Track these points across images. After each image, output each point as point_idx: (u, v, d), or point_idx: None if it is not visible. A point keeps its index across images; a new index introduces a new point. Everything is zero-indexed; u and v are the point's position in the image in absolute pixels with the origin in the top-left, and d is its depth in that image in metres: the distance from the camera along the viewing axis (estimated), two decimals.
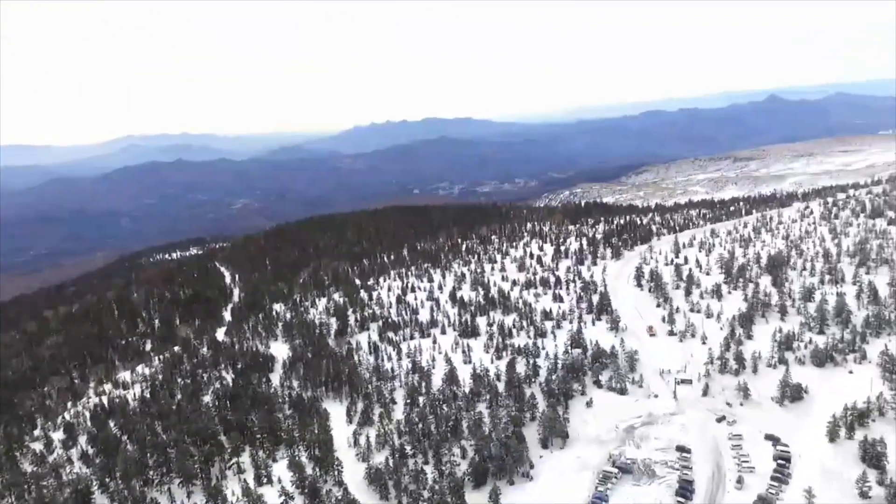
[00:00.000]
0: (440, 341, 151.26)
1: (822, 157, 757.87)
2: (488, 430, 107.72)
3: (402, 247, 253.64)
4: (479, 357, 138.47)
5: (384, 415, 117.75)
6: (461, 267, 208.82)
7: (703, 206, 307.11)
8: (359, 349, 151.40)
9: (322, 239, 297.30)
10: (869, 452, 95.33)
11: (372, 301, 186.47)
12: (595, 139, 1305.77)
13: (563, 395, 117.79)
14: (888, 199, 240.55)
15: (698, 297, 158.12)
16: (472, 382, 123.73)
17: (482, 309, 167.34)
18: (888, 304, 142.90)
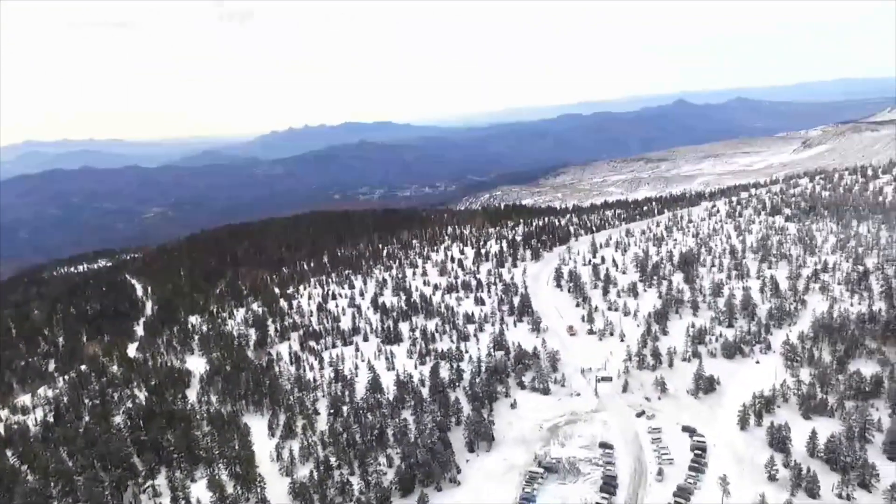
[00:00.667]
0: (363, 349, 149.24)
1: (726, 159, 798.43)
2: (414, 436, 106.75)
3: (322, 253, 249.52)
4: (402, 363, 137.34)
5: (307, 426, 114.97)
6: (383, 272, 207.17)
7: (619, 207, 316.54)
8: (279, 360, 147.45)
9: (240, 247, 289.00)
10: (775, 437, 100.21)
11: (292, 310, 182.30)
12: (513, 142, 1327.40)
13: (488, 398, 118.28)
14: (785, 198, 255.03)
15: (616, 296, 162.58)
16: (397, 389, 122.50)
17: (404, 314, 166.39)
18: (788, 296, 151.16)
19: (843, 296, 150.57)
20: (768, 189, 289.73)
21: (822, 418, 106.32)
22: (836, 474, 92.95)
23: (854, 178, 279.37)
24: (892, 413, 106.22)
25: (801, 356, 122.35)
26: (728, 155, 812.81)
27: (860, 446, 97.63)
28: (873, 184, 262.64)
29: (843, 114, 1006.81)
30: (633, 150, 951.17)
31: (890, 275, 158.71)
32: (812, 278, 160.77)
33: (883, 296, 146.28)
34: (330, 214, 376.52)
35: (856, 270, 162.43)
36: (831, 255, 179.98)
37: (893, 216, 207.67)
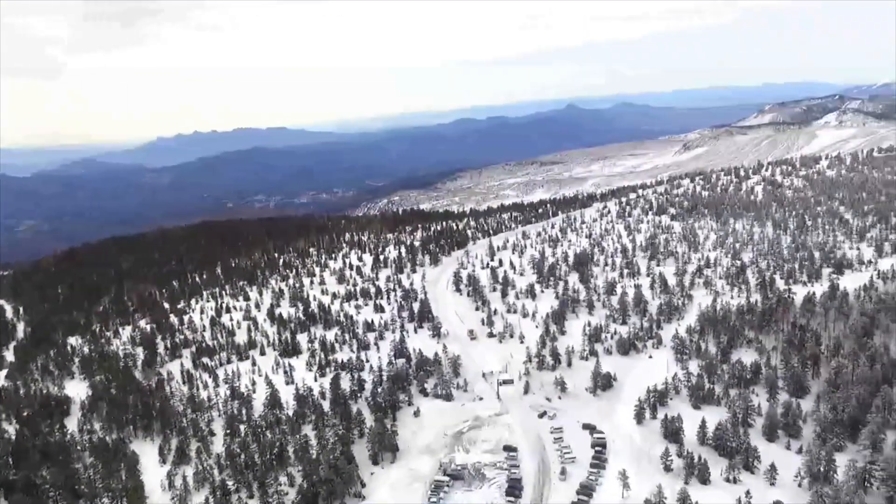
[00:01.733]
0: (260, 363, 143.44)
1: (614, 161, 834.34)
2: (315, 452, 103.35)
3: (215, 265, 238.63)
4: (301, 376, 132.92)
5: (202, 449, 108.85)
6: (279, 283, 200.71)
7: (515, 210, 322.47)
8: (170, 379, 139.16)
9: (125, 261, 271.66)
10: (669, 429, 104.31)
11: (184, 325, 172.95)
12: (410, 147, 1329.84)
13: (391, 408, 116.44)
14: (669, 198, 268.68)
15: (514, 298, 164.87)
16: (296, 404, 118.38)
17: (303, 325, 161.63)
18: (676, 292, 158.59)
19: (724, 289, 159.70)
20: (654, 189, 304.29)
21: (711, 407, 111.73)
22: (724, 459, 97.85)
23: (729, 178, 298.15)
24: (769, 398, 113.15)
25: (690, 349, 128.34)
26: (616, 157, 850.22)
27: (744, 431, 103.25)
28: (745, 183, 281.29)
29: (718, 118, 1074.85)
30: (528, 154, 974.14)
31: (763, 268, 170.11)
32: (696, 274, 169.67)
33: (758, 288, 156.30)
34: (223, 223, 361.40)
35: (734, 265, 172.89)
36: (713, 251, 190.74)
37: (764, 213, 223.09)
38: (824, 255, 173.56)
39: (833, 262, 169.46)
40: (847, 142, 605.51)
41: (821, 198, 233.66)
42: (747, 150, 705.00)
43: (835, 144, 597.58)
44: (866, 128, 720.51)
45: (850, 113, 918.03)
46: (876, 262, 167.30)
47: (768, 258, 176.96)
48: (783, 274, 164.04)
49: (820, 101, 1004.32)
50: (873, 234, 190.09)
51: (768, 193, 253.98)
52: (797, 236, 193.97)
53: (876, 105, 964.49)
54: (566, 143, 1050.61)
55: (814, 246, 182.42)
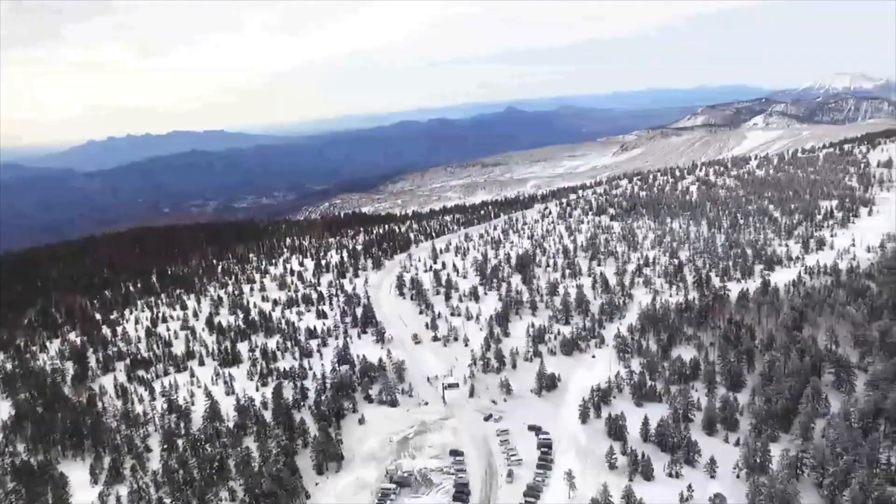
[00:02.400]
0: (199, 374, 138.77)
1: (555, 162, 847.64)
2: (258, 465, 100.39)
3: (150, 273, 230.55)
4: (242, 386, 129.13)
5: (137, 467, 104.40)
6: (218, 290, 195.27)
7: (457, 212, 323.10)
8: (103, 394, 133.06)
9: (54, 270, 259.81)
10: (613, 427, 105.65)
11: (117, 337, 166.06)
12: (352, 149, 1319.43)
13: (335, 416, 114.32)
14: (608, 198, 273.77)
15: (458, 301, 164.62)
16: (237, 415, 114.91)
17: (243, 333, 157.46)
18: (617, 291, 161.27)
19: (663, 288, 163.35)
20: (594, 190, 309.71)
21: (653, 404, 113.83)
22: (666, 455, 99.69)
23: (665, 178, 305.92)
24: (708, 393, 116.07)
25: (632, 347, 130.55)
26: (557, 158, 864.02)
27: (684, 426, 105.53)
28: (681, 183, 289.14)
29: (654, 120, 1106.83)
30: (470, 156, 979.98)
31: (700, 266, 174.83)
32: (636, 273, 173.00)
33: (695, 286, 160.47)
34: (158, 230, 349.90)
35: (672, 264, 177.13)
36: (651, 250, 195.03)
37: (699, 213, 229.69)
38: (756, 253, 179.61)
39: (764, 259, 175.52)
40: (774, 143, 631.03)
41: (751, 197, 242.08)
42: (682, 150, 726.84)
43: (762, 145, 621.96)
44: (791, 129, 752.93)
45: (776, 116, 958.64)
46: (803, 259, 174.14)
47: (704, 256, 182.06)
48: (718, 271, 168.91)
49: (748, 104, 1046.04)
50: (800, 232, 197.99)
51: (703, 193, 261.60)
52: (730, 234, 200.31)
53: (799, 108, 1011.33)
54: (507, 144, 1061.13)
55: (746, 244, 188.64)
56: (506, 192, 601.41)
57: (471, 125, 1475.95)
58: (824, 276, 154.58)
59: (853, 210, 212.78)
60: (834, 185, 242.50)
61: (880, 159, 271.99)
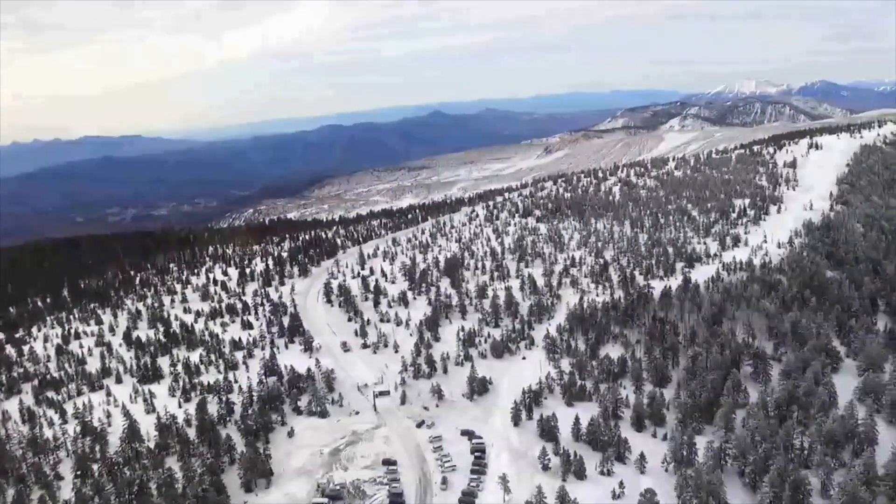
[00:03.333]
0: (115, 392, 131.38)
1: (481, 165, 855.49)
2: (181, 486, 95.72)
3: (61, 286, 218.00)
4: (164, 403, 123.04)
5: (46, 497, 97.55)
6: (136, 303, 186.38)
7: (384, 216, 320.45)
8: (7, 420, 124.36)
9: None
10: (545, 428, 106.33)
11: (23, 357, 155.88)
12: (276, 154, 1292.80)
13: (263, 430, 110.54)
14: (534, 200, 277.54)
15: (387, 307, 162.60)
16: (158, 434, 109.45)
17: (164, 348, 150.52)
18: (545, 292, 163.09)
19: (589, 288, 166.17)
20: (520, 192, 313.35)
21: (583, 403, 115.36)
22: (598, 453, 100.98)
23: (589, 179, 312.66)
24: (636, 389, 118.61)
25: (561, 348, 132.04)
26: (483, 161, 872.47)
27: (614, 424, 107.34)
28: (604, 184, 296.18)
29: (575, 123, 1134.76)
30: (397, 160, 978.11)
31: (624, 265, 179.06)
32: (563, 274, 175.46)
33: (620, 284, 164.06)
34: (71, 240, 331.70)
35: (598, 263, 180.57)
36: (577, 250, 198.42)
37: (622, 213, 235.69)
38: (677, 251, 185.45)
39: (685, 256, 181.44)
40: (689, 144, 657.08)
41: (671, 197, 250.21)
42: (604, 152, 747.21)
43: (679, 146, 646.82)
44: (705, 131, 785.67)
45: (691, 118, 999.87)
46: (720, 255, 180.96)
47: (628, 255, 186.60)
48: (642, 270, 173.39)
49: (664, 107, 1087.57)
50: (717, 230, 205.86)
51: (625, 194, 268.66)
52: (652, 234, 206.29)
53: (711, 111, 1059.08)
54: (433, 148, 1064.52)
55: (667, 242, 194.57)
56: (433, 196, 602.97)
57: (396, 129, 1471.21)
58: (740, 272, 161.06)
59: (764, 208, 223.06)
60: (746, 185, 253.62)
61: (786, 160, 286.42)
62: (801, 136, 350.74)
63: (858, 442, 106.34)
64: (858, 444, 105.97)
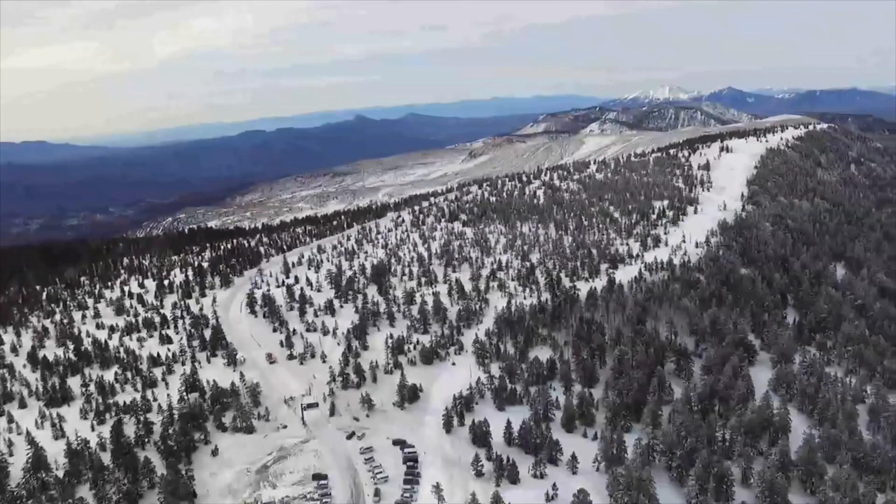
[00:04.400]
0: (19, 418, 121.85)
1: (406, 170, 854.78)
2: None
3: None
4: (75, 427, 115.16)
5: None
6: (42, 320, 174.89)
7: (309, 223, 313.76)
8: None
9: None
10: (477, 434, 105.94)
11: None
12: (196, 161, 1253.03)
13: (185, 450, 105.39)
14: (460, 204, 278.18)
15: (313, 316, 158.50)
16: (68, 462, 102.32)
17: (74, 367, 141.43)
18: (473, 297, 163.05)
19: (517, 291, 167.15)
20: (445, 197, 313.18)
21: (514, 407, 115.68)
22: (530, 456, 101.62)
23: (513, 183, 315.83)
24: (565, 391, 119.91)
25: (490, 352, 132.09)
26: (408, 166, 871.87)
27: (545, 426, 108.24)
28: (528, 188, 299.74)
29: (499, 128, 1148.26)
30: (320, 165, 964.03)
31: (550, 268, 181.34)
32: (490, 278, 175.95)
33: (547, 287, 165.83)
34: None
35: (524, 267, 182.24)
36: (503, 254, 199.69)
37: (546, 216, 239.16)
38: (601, 252, 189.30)
39: (608, 257, 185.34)
40: (609, 148, 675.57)
41: (593, 199, 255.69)
42: (527, 156, 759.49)
43: (599, 150, 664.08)
44: (623, 135, 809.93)
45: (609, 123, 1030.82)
46: (642, 256, 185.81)
47: (553, 258, 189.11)
48: (567, 272, 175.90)
49: (585, 112, 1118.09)
50: (638, 231, 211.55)
51: (549, 197, 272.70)
52: (577, 236, 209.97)
53: (628, 115, 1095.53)
54: (358, 153, 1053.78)
55: (591, 244, 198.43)
56: (358, 202, 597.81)
57: (320, 134, 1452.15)
58: (661, 272, 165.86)
59: (682, 209, 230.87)
60: (664, 187, 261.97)
61: (700, 163, 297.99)
62: (712, 139, 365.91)
63: (774, 431, 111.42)
64: (774, 433, 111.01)
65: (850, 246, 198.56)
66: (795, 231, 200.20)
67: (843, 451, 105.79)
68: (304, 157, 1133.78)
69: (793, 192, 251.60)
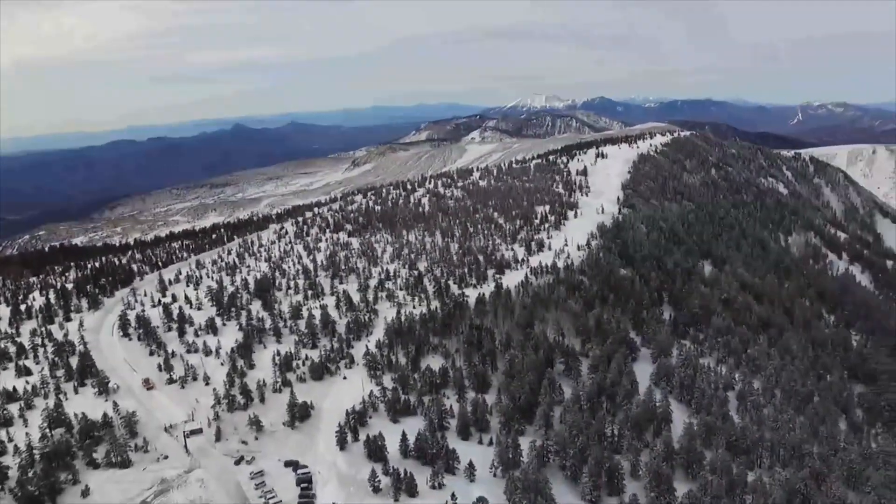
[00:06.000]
0: None
1: (287, 180, 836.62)
2: None
3: None
4: None
5: None
6: None
7: (186, 237, 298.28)
8: None
9: None
10: (372, 449, 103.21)
11: None
12: (58, 173, 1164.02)
13: (49, 493, 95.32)
14: (345, 214, 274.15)
15: (193, 336, 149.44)
16: None
17: None
18: (361, 308, 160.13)
19: (406, 300, 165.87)
20: (329, 207, 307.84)
21: (409, 418, 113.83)
22: (427, 467, 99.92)
23: (398, 191, 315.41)
24: (459, 398, 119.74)
25: (382, 363, 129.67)
26: (289, 176, 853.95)
27: (441, 435, 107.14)
28: (413, 196, 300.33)
29: (382, 136, 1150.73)
30: (198, 176, 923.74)
31: (438, 276, 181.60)
32: (379, 288, 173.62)
33: (436, 295, 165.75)
34: None
35: (412, 275, 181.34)
36: (391, 263, 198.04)
37: (432, 223, 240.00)
38: (487, 258, 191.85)
39: (495, 263, 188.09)
40: (490, 155, 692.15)
41: (478, 206, 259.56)
42: (410, 164, 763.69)
43: (481, 157, 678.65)
44: (503, 143, 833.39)
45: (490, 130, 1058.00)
46: (528, 261, 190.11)
47: (441, 265, 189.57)
48: (455, 279, 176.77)
49: (466, 120, 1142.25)
50: (522, 236, 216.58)
51: (434, 204, 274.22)
52: (463, 243, 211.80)
53: (508, 123, 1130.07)
54: (237, 163, 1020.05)
55: (478, 250, 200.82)
56: (238, 213, 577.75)
57: (196, 144, 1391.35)
58: (547, 275, 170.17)
59: (563, 213, 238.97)
60: (545, 192, 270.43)
61: (578, 168, 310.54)
62: (588, 146, 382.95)
63: (658, 423, 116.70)
64: (658, 425, 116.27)
65: (714, 244, 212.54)
66: (667, 232, 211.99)
67: (718, 436, 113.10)
68: (179, 169, 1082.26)
69: (663, 195, 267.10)
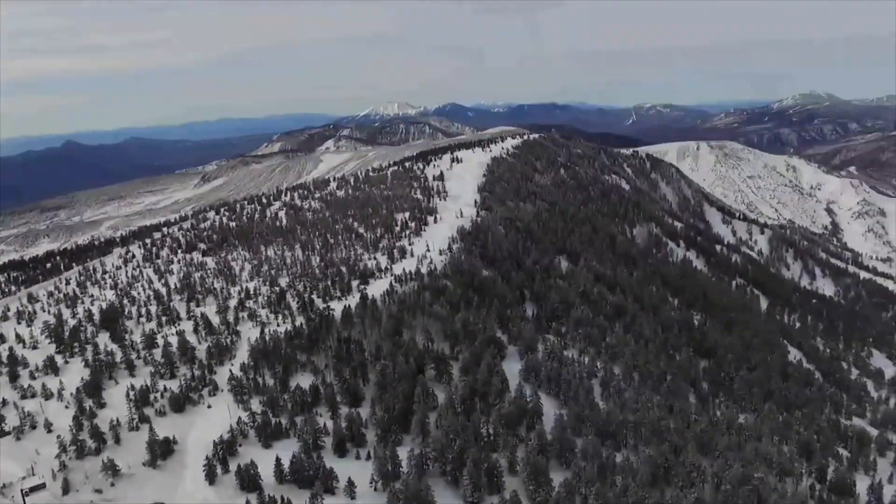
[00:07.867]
0: None
1: (131, 199, 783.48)
2: None
3: None
4: None
5: None
6: None
7: (14, 268, 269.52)
8: None
9: None
10: (245, 478, 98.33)
11: None
12: None
13: None
14: (197, 233, 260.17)
15: (29, 379, 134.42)
16: None
17: None
18: (222, 331, 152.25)
19: (269, 318, 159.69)
20: (180, 226, 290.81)
21: (282, 441, 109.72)
22: (306, 491, 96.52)
23: (253, 206, 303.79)
24: (332, 415, 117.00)
25: (248, 387, 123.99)
26: (133, 195, 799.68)
27: (317, 455, 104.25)
28: (269, 210, 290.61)
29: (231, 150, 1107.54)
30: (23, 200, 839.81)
31: (301, 290, 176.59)
32: (239, 308, 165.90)
33: (300, 311, 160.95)
34: None
35: (274, 292, 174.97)
36: (250, 281, 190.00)
37: (291, 237, 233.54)
38: (350, 269, 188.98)
39: (358, 274, 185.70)
40: (346, 164, 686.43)
41: (337, 216, 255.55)
42: (264, 177, 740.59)
43: (337, 167, 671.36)
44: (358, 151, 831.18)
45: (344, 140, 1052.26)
46: (391, 269, 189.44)
47: (303, 280, 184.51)
48: (319, 293, 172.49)
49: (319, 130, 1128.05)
50: (384, 244, 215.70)
51: (291, 217, 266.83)
52: (324, 255, 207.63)
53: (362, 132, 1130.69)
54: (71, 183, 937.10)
55: (340, 262, 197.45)
56: (76, 238, 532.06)
57: (21, 163, 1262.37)
58: (411, 282, 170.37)
59: (423, 219, 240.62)
60: (404, 199, 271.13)
61: (434, 174, 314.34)
62: (443, 151, 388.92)
63: (530, 417, 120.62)
64: (530, 420, 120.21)
65: (568, 240, 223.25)
66: (524, 231, 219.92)
67: (587, 423, 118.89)
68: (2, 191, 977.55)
69: (517, 196, 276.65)
